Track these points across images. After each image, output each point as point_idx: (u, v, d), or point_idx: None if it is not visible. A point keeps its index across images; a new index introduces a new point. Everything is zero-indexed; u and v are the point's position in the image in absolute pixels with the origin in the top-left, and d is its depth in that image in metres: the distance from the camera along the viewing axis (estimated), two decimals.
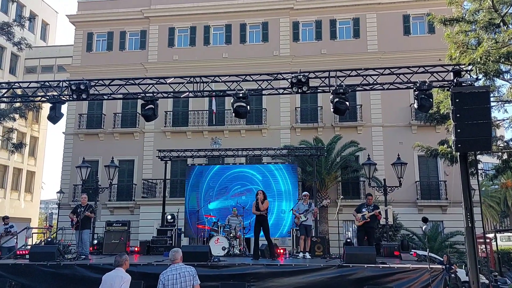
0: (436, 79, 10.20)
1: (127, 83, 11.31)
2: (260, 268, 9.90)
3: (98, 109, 27.19)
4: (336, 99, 10.11)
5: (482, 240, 17.84)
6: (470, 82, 9.61)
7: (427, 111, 11.86)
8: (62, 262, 10.47)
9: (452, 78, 9.93)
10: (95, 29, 28.40)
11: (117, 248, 14.02)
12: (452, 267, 15.49)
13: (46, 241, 19.37)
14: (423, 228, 11.51)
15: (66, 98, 11.15)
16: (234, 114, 10.73)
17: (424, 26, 25.77)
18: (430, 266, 9.15)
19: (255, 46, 26.84)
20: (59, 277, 10.10)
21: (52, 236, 21.00)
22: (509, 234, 28.67)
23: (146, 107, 10.93)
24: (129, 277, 6.66)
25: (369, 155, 19.99)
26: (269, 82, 10.96)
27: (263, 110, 25.58)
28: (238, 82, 10.97)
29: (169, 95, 11.60)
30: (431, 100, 9.99)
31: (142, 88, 11.21)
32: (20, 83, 12.18)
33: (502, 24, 13.43)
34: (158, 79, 11.38)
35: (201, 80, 11.14)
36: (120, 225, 15.05)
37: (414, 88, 9.98)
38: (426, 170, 24.33)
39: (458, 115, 8.91)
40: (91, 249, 14.00)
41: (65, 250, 15.65)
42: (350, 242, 14.42)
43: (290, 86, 10.46)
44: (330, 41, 26.29)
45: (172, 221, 15.78)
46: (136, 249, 14.36)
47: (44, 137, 40.11)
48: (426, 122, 19.02)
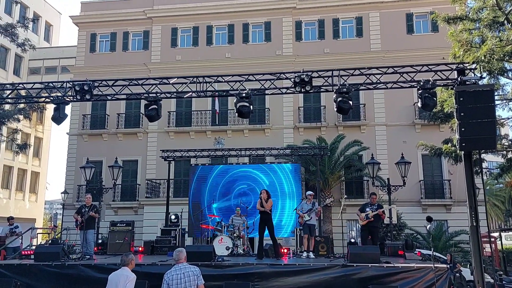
0: (440, 78, 10.16)
1: (131, 84, 11.33)
2: (264, 267, 9.88)
3: (101, 109, 27.26)
4: (339, 98, 10.10)
5: (487, 239, 17.76)
6: (474, 80, 9.59)
7: (431, 110, 11.84)
8: (66, 262, 10.50)
9: (456, 77, 9.90)
10: (98, 29, 28.47)
11: (121, 248, 14.07)
12: (456, 266, 15.43)
13: (50, 241, 19.43)
14: (428, 227, 11.49)
15: (70, 99, 11.20)
16: (237, 114, 10.74)
17: (427, 24, 25.67)
18: (435, 266, 9.11)
19: (258, 45, 26.83)
20: (64, 277, 10.13)
21: (56, 236, 21.07)
22: None
23: (150, 108, 10.95)
24: (134, 276, 6.72)
25: (372, 154, 19.94)
26: (272, 81, 10.96)
27: (266, 109, 25.58)
28: (241, 82, 10.97)
29: (172, 95, 11.61)
30: (435, 99, 9.96)
31: (145, 88, 11.23)
32: (24, 84, 12.21)
33: (506, 22, 13.40)
34: (161, 79, 11.40)
35: (204, 80, 11.15)
36: (124, 225, 15.06)
37: (418, 87, 9.96)
38: (430, 169, 24.24)
39: (462, 114, 8.89)
40: (96, 249, 14.05)
41: (69, 250, 15.70)
42: (354, 243, 14.38)
43: (293, 86, 10.46)
44: (333, 40, 26.25)
45: (176, 221, 15.80)
46: (140, 249, 14.39)
47: (48, 138, 40.25)
48: (430, 121, 19.01)
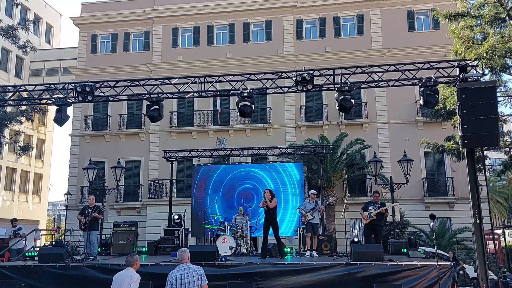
0: (441, 75, 10.13)
1: (132, 84, 11.32)
2: (267, 267, 9.86)
3: (103, 110, 27.29)
4: (341, 97, 10.08)
5: (490, 236, 17.75)
6: (476, 77, 9.54)
7: (433, 107, 11.80)
8: (70, 263, 10.52)
9: (458, 74, 9.86)
10: (99, 31, 28.50)
11: (124, 248, 14.10)
12: (458, 264, 15.41)
13: (54, 242, 19.46)
14: (431, 225, 11.43)
15: (71, 100, 11.22)
16: (239, 113, 10.72)
17: (428, 21, 25.62)
18: (438, 263, 9.09)
19: (259, 45, 26.82)
20: (68, 278, 10.14)
21: (60, 237, 21.10)
22: None
23: (151, 108, 10.95)
24: (138, 276, 6.75)
25: (375, 153, 19.91)
26: (273, 80, 10.95)
27: (268, 109, 25.57)
28: (243, 82, 10.95)
29: (174, 96, 11.62)
30: (437, 96, 9.94)
31: (147, 89, 11.23)
32: (26, 86, 12.24)
33: (508, 18, 13.37)
34: (162, 80, 11.40)
35: (205, 80, 11.13)
36: (127, 226, 15.10)
37: (420, 84, 9.93)
38: (432, 167, 24.22)
39: (464, 111, 8.86)
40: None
41: (73, 251, 15.72)
42: (357, 242, 14.33)
43: (294, 85, 10.44)
44: (334, 38, 26.23)
45: (179, 221, 15.80)
46: (143, 249, 14.40)
47: (50, 139, 40.33)
48: (432, 118, 18.98)
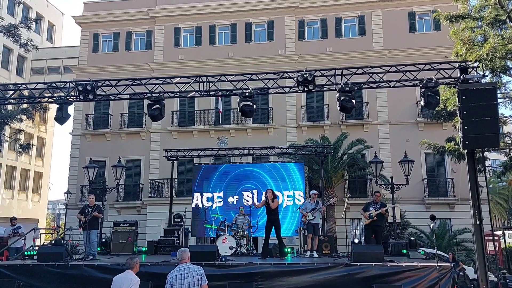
0: (442, 76, 10.14)
1: (134, 83, 11.34)
2: (267, 267, 9.86)
3: (104, 109, 27.30)
4: (342, 97, 10.08)
5: (490, 237, 17.73)
6: (476, 78, 9.55)
7: (434, 108, 11.82)
8: (70, 262, 10.50)
9: (458, 75, 9.87)
10: (101, 30, 28.51)
11: (124, 248, 14.09)
12: (458, 265, 15.40)
13: (53, 241, 19.47)
14: (431, 226, 11.43)
15: (73, 99, 11.22)
16: (240, 113, 10.72)
17: (429, 23, 25.62)
18: (439, 264, 9.09)
19: (261, 45, 26.82)
20: (67, 277, 10.12)
21: (59, 236, 21.10)
22: None
23: (153, 107, 10.96)
24: (138, 279, 6.78)
25: (376, 153, 19.91)
26: (275, 80, 10.95)
27: (269, 109, 25.58)
28: (244, 81, 10.96)
29: (175, 95, 11.62)
30: (438, 97, 9.94)
31: (148, 88, 11.24)
32: (27, 84, 12.22)
33: (508, 20, 13.38)
34: (164, 79, 11.41)
35: (207, 79, 11.14)
36: (127, 225, 15.05)
37: (421, 85, 9.94)
38: (433, 168, 24.21)
39: (465, 112, 8.87)
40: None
41: (73, 250, 15.73)
42: (358, 242, 14.32)
43: (296, 85, 10.45)
44: (335, 39, 26.24)
45: (179, 220, 15.79)
46: (143, 249, 14.40)
47: (51, 138, 40.35)
48: (433, 119, 19.01)
